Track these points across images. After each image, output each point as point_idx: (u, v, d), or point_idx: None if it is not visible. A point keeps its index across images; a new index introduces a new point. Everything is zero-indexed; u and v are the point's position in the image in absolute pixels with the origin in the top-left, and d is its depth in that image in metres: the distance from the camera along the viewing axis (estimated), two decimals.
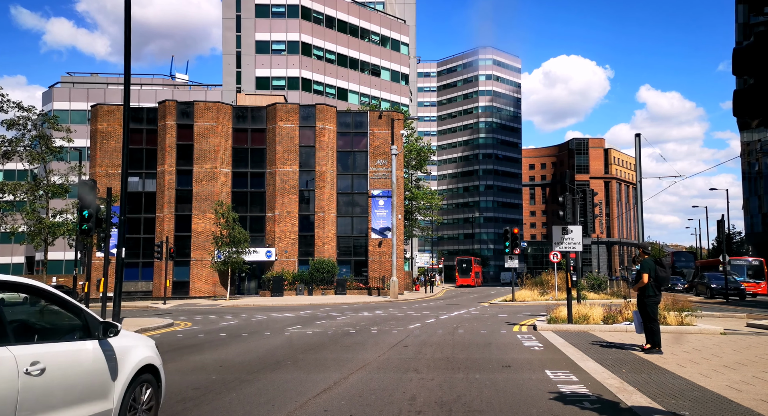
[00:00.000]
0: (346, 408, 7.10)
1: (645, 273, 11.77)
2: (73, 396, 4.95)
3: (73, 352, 5.10)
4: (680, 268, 63.63)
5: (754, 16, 66.63)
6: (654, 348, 11.54)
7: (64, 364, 4.89)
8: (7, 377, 4.24)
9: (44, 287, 5.18)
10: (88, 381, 5.14)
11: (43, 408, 4.57)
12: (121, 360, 5.61)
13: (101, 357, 5.37)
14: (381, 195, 49.41)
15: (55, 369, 4.74)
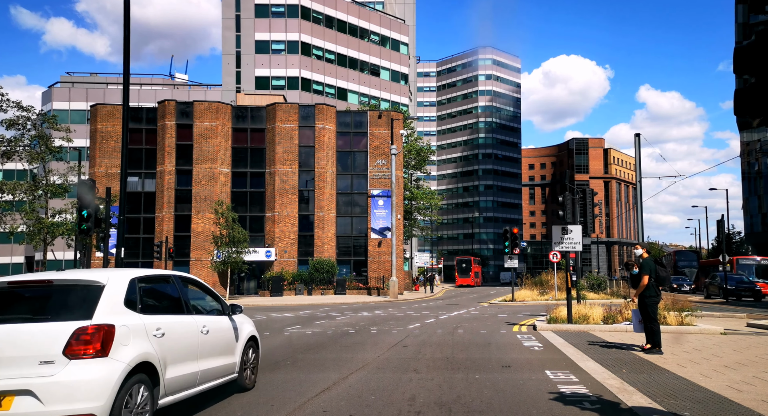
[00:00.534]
0: (346, 409, 7.08)
1: (645, 274, 11.71)
2: (220, 350, 7.62)
3: (219, 322, 7.83)
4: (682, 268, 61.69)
5: (755, 15, 66.60)
6: (654, 348, 11.52)
7: (216, 329, 7.60)
8: (193, 333, 7.03)
9: (203, 283, 8.11)
10: (225, 341, 7.84)
11: (208, 354, 7.26)
12: (240, 331, 8.33)
13: (231, 327, 8.12)
14: (380, 195, 49.40)
15: (213, 331, 7.48)
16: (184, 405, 7.21)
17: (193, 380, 6.85)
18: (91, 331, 5.50)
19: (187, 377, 6.73)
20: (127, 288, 6.20)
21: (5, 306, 5.94)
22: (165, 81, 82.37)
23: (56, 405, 5.19)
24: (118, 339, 5.69)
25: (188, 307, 7.22)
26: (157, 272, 7.24)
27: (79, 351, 5.40)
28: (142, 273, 6.70)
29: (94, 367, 5.42)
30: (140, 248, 46.85)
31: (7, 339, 5.44)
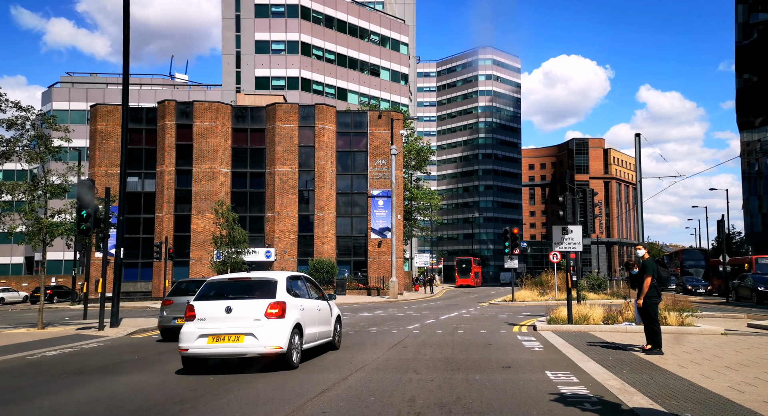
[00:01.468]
0: (345, 410, 7.04)
1: (648, 275, 11.62)
2: (325, 321, 12.23)
3: (324, 304, 12.36)
4: (689, 267, 57.62)
5: (755, 14, 66.54)
6: (655, 348, 11.48)
7: (323, 308, 12.22)
8: (314, 309, 11.60)
9: (314, 280, 12.89)
10: (327, 316, 12.43)
11: (320, 323, 11.82)
12: (332, 311, 12.90)
13: (329, 308, 12.66)
14: (380, 195, 49.37)
15: (322, 309, 12.15)
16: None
17: (314, 337, 11.50)
18: (275, 305, 10.14)
19: (313, 335, 11.41)
20: (286, 282, 10.91)
21: (231, 291, 10.65)
22: (165, 81, 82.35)
23: (265, 341, 9.82)
24: (287, 309, 10.25)
25: (310, 294, 11.97)
26: (297, 273, 12.21)
27: (272, 315, 10.02)
28: (291, 274, 11.60)
29: (279, 323, 10.02)
30: (140, 248, 46.83)
31: (237, 307, 10.09)
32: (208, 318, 10.04)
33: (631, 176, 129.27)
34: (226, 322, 9.97)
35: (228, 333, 9.91)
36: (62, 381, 9.67)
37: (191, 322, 10.08)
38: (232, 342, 9.85)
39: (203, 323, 9.99)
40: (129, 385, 9.20)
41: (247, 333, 9.86)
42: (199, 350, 9.86)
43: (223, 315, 9.99)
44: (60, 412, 7.36)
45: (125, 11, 15.49)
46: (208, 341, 9.86)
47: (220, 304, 10.13)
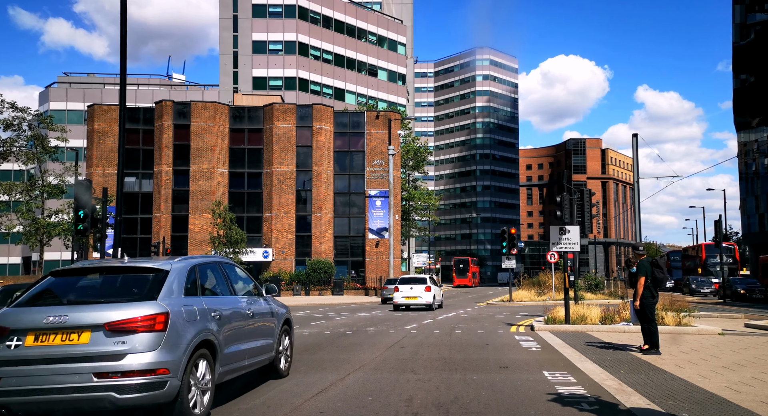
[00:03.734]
0: (342, 410, 7.03)
1: (642, 276, 11.62)
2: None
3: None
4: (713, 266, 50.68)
5: (754, 14, 66.68)
6: (652, 348, 11.49)
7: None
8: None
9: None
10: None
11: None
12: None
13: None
14: (378, 195, 49.36)
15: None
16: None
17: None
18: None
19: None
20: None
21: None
22: (162, 81, 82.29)
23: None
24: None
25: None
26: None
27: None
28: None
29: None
30: (137, 248, 46.77)
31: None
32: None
33: (628, 177, 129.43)
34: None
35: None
36: None
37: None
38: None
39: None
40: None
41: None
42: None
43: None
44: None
45: (122, 12, 15.48)
46: None
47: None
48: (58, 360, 5.70)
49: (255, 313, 8.20)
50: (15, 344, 5.77)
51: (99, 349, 5.76)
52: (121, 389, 5.68)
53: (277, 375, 9.06)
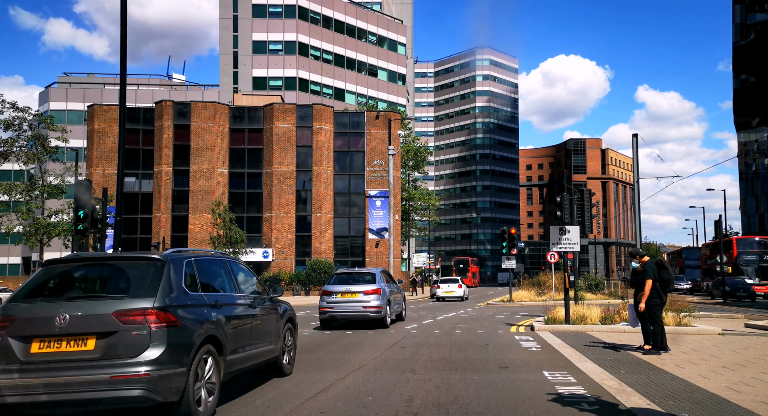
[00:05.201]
0: (342, 410, 7.03)
1: (649, 279, 11.53)
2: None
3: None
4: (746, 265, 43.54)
5: (754, 14, 66.70)
6: (655, 348, 11.45)
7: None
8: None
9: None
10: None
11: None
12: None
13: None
14: (378, 196, 49.36)
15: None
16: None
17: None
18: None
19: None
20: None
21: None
22: (162, 81, 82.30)
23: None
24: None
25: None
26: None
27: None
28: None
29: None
30: (137, 248, 46.77)
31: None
32: None
33: (628, 177, 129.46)
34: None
35: None
36: None
37: None
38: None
39: None
40: None
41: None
42: None
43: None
44: None
45: (123, 12, 15.48)
46: None
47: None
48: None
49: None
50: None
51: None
52: (369, 311, 10.18)
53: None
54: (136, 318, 5.84)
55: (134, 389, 5.68)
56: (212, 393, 6.61)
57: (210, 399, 6.57)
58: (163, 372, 5.81)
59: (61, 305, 5.98)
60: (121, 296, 6.12)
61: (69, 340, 5.79)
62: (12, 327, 5.87)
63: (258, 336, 8.10)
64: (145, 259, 6.63)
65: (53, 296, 6.36)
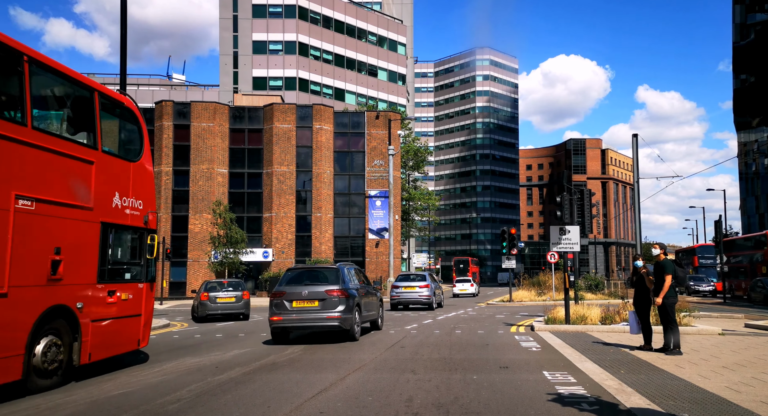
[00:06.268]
0: (342, 410, 7.03)
1: (669, 274, 11.48)
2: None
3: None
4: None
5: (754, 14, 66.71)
6: (675, 348, 11.36)
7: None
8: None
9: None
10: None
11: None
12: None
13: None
14: (378, 196, 49.37)
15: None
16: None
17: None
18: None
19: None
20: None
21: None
22: (162, 81, 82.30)
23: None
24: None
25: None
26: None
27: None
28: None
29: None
30: None
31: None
32: None
33: (628, 177, 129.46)
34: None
35: None
36: None
37: None
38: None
39: None
40: None
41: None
42: None
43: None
44: None
45: (123, 12, 15.49)
46: None
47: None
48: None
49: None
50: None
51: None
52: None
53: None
54: (333, 292, 13.76)
55: (334, 322, 13.65)
56: (359, 327, 14.69)
57: (357, 330, 14.48)
58: (344, 316, 13.72)
59: (302, 287, 13.95)
60: (325, 284, 14.02)
61: (307, 301, 13.75)
62: (284, 296, 13.77)
63: (371, 306, 16.10)
64: (331, 267, 14.91)
65: (298, 283, 14.12)
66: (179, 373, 10.07)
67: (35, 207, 8.30)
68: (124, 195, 10.51)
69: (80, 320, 9.26)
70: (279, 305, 13.88)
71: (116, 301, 10.31)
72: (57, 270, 8.75)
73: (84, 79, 9.78)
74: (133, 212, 10.79)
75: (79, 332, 9.24)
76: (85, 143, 9.68)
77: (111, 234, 10.21)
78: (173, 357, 12.20)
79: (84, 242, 9.46)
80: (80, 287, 9.39)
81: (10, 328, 7.87)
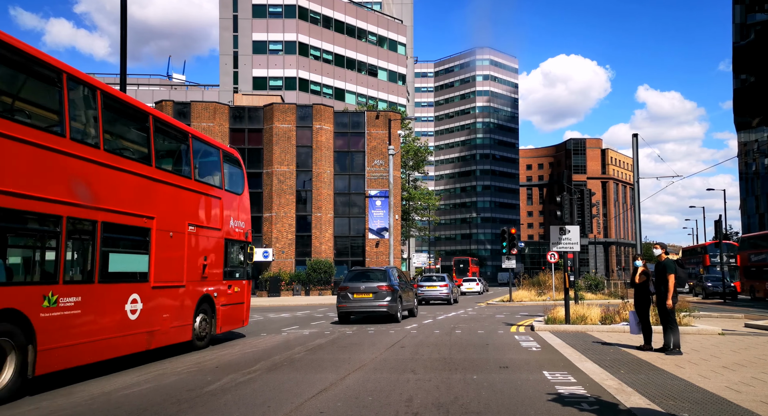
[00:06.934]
0: (342, 410, 7.03)
1: (672, 274, 11.48)
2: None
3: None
4: None
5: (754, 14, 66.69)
6: (675, 348, 11.39)
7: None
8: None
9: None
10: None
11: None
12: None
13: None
14: (378, 195, 49.36)
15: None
16: None
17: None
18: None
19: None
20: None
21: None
22: (162, 81, 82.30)
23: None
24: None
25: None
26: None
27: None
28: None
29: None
30: None
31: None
32: None
33: (628, 177, 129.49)
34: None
35: None
36: None
37: None
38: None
39: None
40: None
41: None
42: None
43: None
44: None
45: (123, 12, 15.49)
46: None
47: None
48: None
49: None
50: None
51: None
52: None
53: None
54: (383, 288, 19.02)
55: (383, 308, 19.05)
56: (403, 311, 20.29)
57: (400, 315, 19.78)
58: (391, 304, 19.01)
59: (360, 283, 19.31)
60: (376, 281, 19.22)
61: (364, 294, 19.12)
62: (348, 289, 19.25)
63: (409, 298, 21.11)
64: (381, 269, 20.41)
65: (357, 281, 19.51)
66: (179, 373, 10.07)
67: (195, 230, 12.72)
68: (236, 219, 14.94)
69: (216, 305, 13.84)
70: (344, 296, 19.48)
71: (232, 293, 14.81)
72: (205, 271, 13.18)
73: (216, 143, 14.66)
74: (240, 230, 15.17)
75: (215, 312, 13.83)
76: (217, 185, 14.10)
77: (229, 247, 14.48)
78: (173, 356, 12.19)
79: (216, 253, 13.81)
80: (215, 283, 13.81)
81: (185, 307, 12.41)
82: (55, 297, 8.45)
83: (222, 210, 14.06)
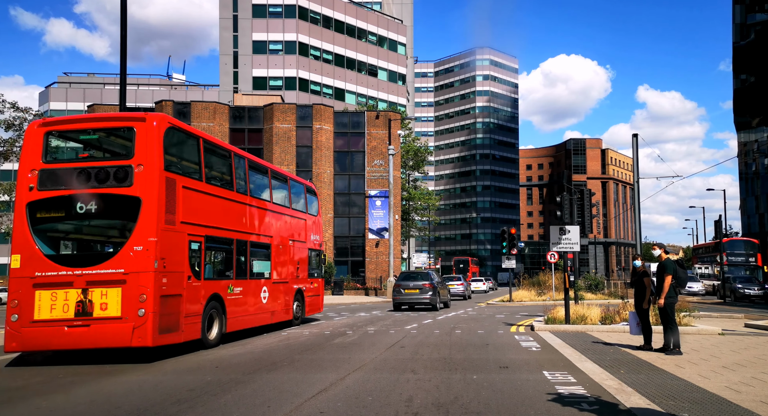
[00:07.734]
0: (342, 410, 7.03)
1: (669, 274, 11.47)
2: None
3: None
4: None
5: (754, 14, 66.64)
6: (674, 348, 11.38)
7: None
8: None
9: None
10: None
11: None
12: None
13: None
14: (378, 195, 49.36)
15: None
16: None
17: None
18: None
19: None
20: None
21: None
22: (162, 81, 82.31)
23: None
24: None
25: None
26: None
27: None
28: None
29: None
30: None
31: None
32: None
33: (628, 177, 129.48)
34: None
35: None
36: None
37: None
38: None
39: None
40: None
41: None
42: None
43: None
44: None
45: (123, 12, 15.49)
46: None
47: None
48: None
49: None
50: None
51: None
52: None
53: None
54: (426, 285, 25.88)
55: (427, 301, 25.81)
56: (440, 304, 26.68)
57: (439, 306, 26.57)
58: (432, 297, 25.82)
59: (409, 281, 26.48)
60: (421, 280, 26.39)
61: (413, 289, 26.06)
62: (400, 286, 26.29)
63: (445, 293, 28.42)
64: (424, 271, 28.51)
65: (407, 280, 26.77)
66: (179, 373, 10.07)
67: (293, 244, 18.30)
68: (314, 233, 20.45)
69: (304, 296, 19.32)
70: (397, 291, 26.29)
71: (313, 288, 20.39)
72: (298, 272, 18.74)
73: (301, 180, 20.28)
74: (317, 241, 20.75)
75: (304, 302, 19.29)
76: (303, 210, 19.54)
77: (311, 254, 20.05)
78: (173, 356, 12.19)
79: (303, 259, 19.24)
80: (304, 281, 19.36)
81: (288, 297, 18.06)
82: (232, 288, 14.11)
83: (306, 228, 19.51)
